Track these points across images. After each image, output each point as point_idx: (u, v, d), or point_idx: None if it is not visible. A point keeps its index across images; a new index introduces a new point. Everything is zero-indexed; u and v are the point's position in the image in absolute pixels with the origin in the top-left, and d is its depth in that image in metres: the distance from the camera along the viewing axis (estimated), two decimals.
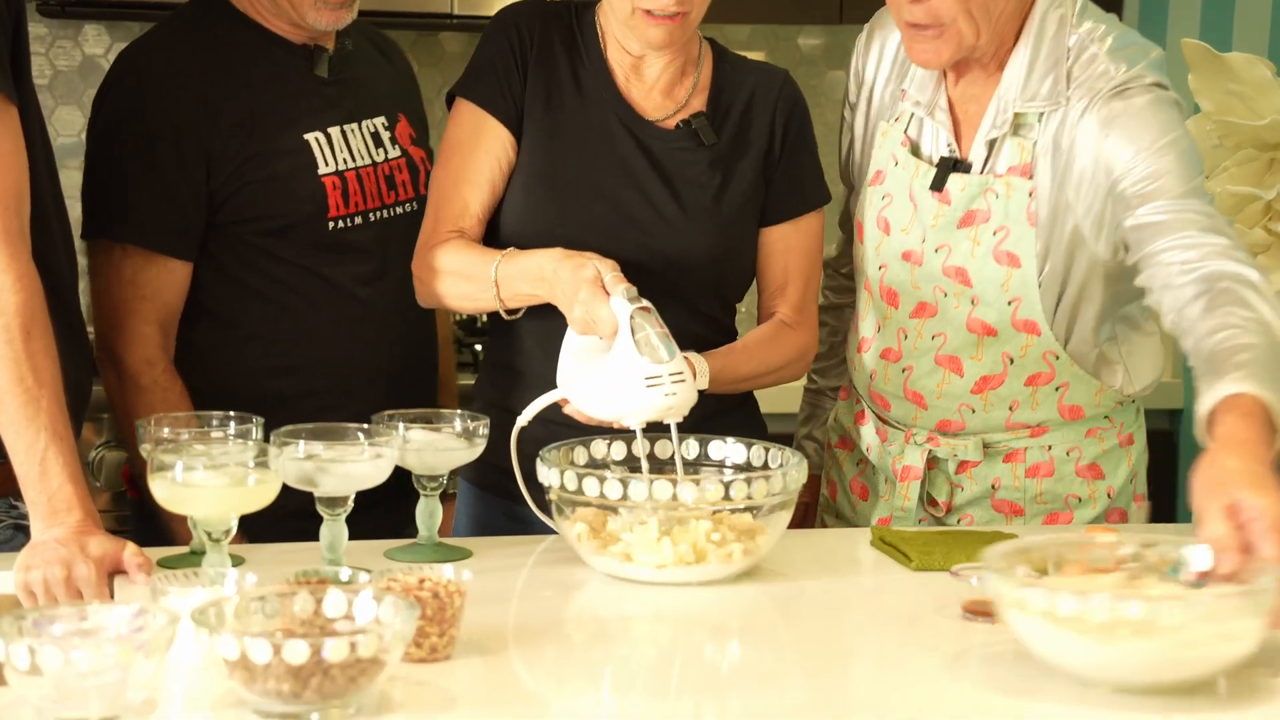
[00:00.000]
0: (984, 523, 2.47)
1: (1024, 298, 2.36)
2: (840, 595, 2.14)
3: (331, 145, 2.51)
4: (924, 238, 2.40)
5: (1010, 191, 2.34)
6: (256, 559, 2.12)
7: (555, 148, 2.40)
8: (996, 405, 2.43)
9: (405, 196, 2.58)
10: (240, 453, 2.01)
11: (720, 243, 2.41)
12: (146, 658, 1.59)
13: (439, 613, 1.78)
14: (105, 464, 3.16)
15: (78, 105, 3.71)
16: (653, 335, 2.12)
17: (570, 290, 2.18)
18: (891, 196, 2.44)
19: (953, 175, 2.38)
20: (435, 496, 2.22)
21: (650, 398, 2.11)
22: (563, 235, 2.31)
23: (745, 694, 1.78)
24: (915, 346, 2.44)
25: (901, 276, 2.44)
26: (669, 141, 2.41)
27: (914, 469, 2.46)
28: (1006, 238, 2.35)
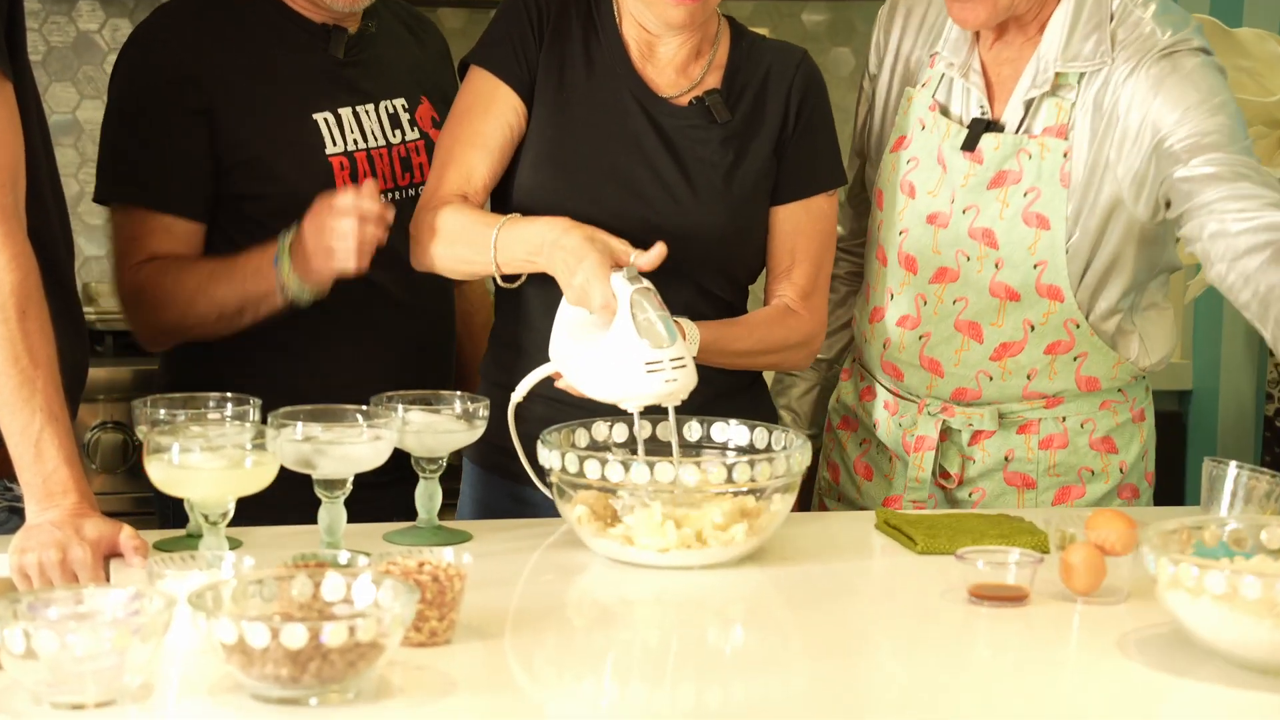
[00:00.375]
0: (995, 496, 2.50)
1: (1050, 261, 2.38)
2: (845, 579, 2.15)
3: (341, 126, 2.51)
4: (952, 198, 2.43)
5: (1045, 152, 2.37)
6: (254, 542, 2.13)
7: (566, 123, 2.40)
8: (1014, 373, 2.45)
9: (421, 179, 2.56)
10: (237, 434, 2.01)
11: (730, 222, 2.40)
12: (143, 642, 1.60)
13: (439, 596, 1.78)
14: (101, 446, 3.16)
15: (72, 82, 3.71)
16: (654, 317, 2.11)
17: (573, 259, 2.16)
18: (918, 160, 2.47)
19: (986, 135, 2.41)
20: (435, 479, 2.22)
21: (649, 383, 2.11)
22: (572, 211, 2.31)
23: (748, 680, 1.79)
24: (935, 312, 2.46)
25: (923, 241, 2.46)
26: (681, 118, 2.41)
27: (928, 439, 2.48)
28: (1037, 199, 2.38)
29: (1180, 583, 1.76)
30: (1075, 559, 2.00)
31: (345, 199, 2.30)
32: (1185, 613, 1.77)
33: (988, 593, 1.98)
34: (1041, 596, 2.00)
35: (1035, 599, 2.00)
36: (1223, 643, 1.76)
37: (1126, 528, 2.01)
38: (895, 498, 2.56)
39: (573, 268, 2.16)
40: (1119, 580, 2.01)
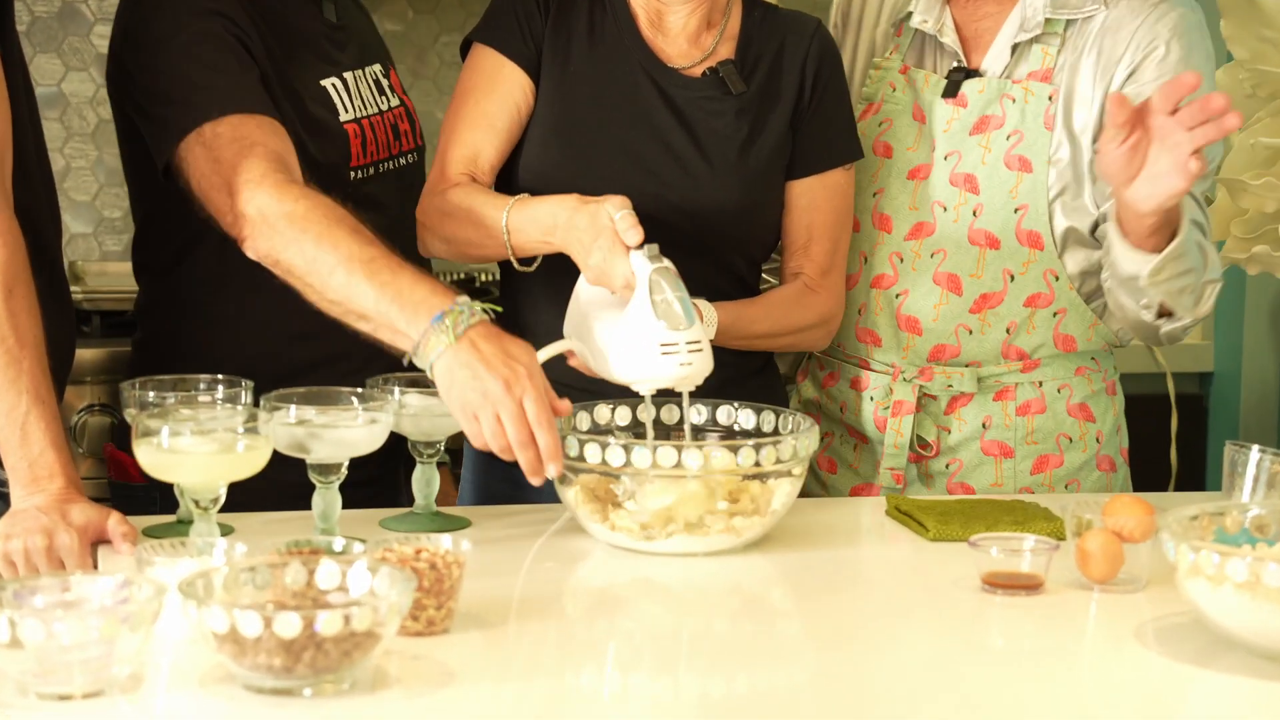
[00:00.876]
0: (972, 466, 2.53)
1: (1031, 205, 2.45)
2: (854, 567, 2.15)
3: (348, 91, 2.49)
4: (933, 146, 2.50)
5: (1029, 96, 2.46)
6: (246, 528, 2.13)
7: (574, 97, 2.39)
8: (994, 326, 2.49)
9: (409, 146, 2.56)
10: (229, 417, 2.01)
11: (745, 197, 2.40)
12: (132, 631, 1.59)
13: (436, 584, 1.78)
14: (89, 429, 3.16)
15: (57, 54, 3.70)
16: (672, 299, 2.10)
17: (588, 238, 2.16)
18: (891, 120, 2.54)
19: (969, 80, 2.50)
20: (432, 464, 2.22)
21: (664, 365, 2.10)
22: (582, 188, 2.30)
23: (753, 670, 1.79)
24: (913, 268, 2.50)
25: (900, 199, 2.50)
26: (694, 90, 2.41)
27: (905, 404, 2.51)
28: (1020, 142, 2.45)
29: (1201, 570, 1.76)
30: (1092, 546, 1.99)
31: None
32: (1206, 601, 1.77)
33: (1001, 581, 1.98)
34: (1057, 585, 2.00)
35: (1050, 587, 1.99)
36: (1245, 632, 1.75)
37: (1145, 513, 2.00)
38: (864, 485, 2.58)
39: (588, 247, 2.16)
40: (1137, 568, 2.00)
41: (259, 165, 2.20)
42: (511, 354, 2.05)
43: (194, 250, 2.42)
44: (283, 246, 2.15)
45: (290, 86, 2.39)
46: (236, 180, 2.19)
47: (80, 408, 3.17)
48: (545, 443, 2.04)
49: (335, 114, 2.45)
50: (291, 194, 2.17)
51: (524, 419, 2.02)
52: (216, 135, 2.24)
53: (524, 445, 2.03)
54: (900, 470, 2.52)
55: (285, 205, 2.16)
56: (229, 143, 2.23)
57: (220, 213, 2.23)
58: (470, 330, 2.05)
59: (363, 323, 2.12)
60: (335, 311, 2.14)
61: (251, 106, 2.27)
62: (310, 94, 2.42)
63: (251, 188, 2.18)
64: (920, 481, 2.55)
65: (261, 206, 2.17)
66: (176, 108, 2.28)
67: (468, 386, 2.03)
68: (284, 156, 2.25)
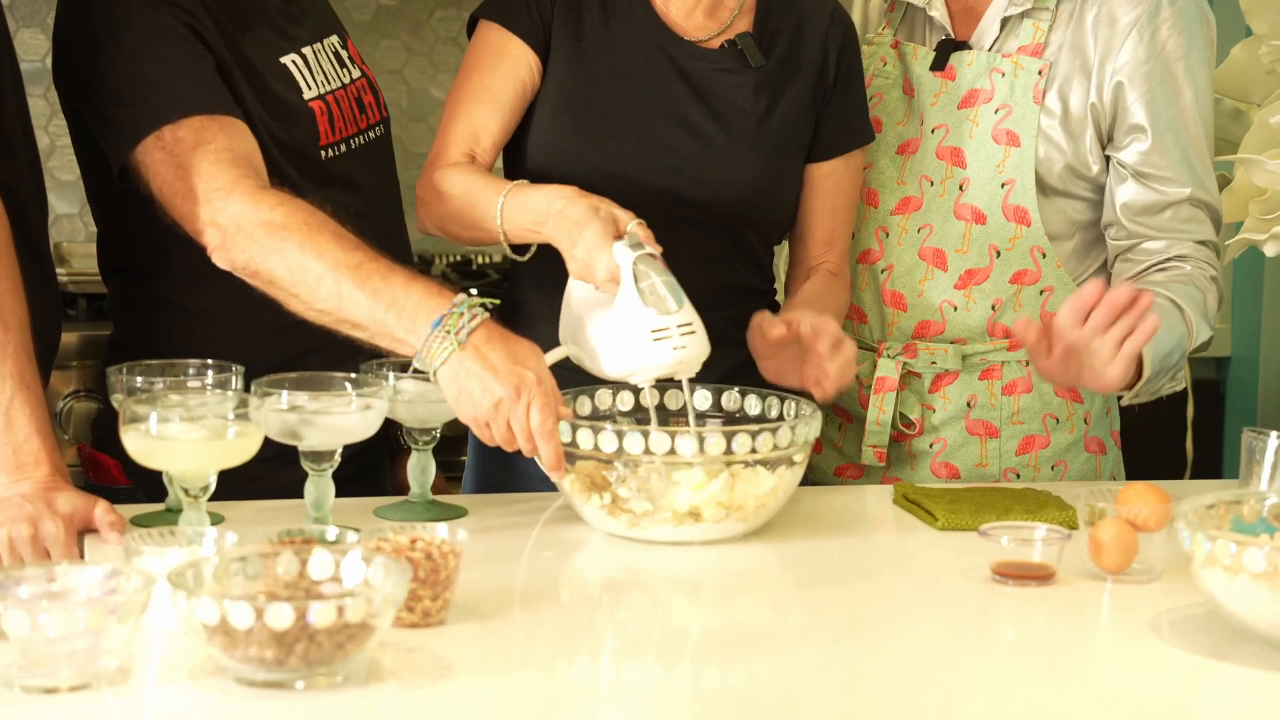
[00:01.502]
0: (957, 446, 2.54)
1: (1018, 180, 2.47)
2: (859, 556, 2.15)
3: (310, 68, 2.45)
4: (922, 119, 2.53)
5: (1018, 70, 2.48)
6: (237, 517, 2.12)
7: (585, 72, 2.39)
8: (979, 303, 2.51)
9: (375, 119, 2.52)
10: (219, 404, 2.01)
11: (764, 171, 2.40)
12: (119, 622, 1.59)
13: (432, 575, 1.78)
14: (74, 415, 3.16)
15: (41, 28, 3.70)
16: (658, 283, 2.10)
17: (575, 229, 2.15)
18: (881, 95, 2.57)
19: (957, 53, 2.52)
20: (428, 451, 2.22)
21: (657, 353, 2.10)
22: (594, 166, 2.31)
23: (754, 661, 1.79)
24: (898, 242, 2.53)
25: (887, 173, 2.54)
26: (711, 63, 2.41)
27: (888, 380, 2.53)
28: (1008, 116, 2.48)
29: (1217, 560, 1.76)
30: (1105, 535, 2.00)
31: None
32: (1222, 592, 1.77)
33: (1012, 571, 1.99)
34: (1069, 575, 2.01)
35: (1062, 577, 2.00)
36: (1262, 623, 1.76)
37: (1159, 502, 2.01)
38: (848, 465, 2.60)
39: (574, 239, 2.15)
40: (1151, 558, 2.01)
41: (227, 171, 2.17)
42: (519, 358, 2.05)
43: (170, 247, 2.35)
44: (263, 257, 2.13)
45: (250, 67, 2.35)
46: (204, 188, 2.16)
47: (66, 393, 3.17)
48: (546, 454, 2.05)
49: (299, 92, 2.41)
50: (267, 201, 2.15)
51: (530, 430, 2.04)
52: (178, 139, 2.20)
53: (534, 451, 2.06)
54: (883, 448, 2.54)
55: (262, 213, 2.14)
56: (191, 147, 2.19)
57: (185, 220, 2.19)
58: (473, 335, 2.05)
59: (357, 331, 2.11)
60: (325, 321, 2.13)
61: (213, 106, 2.23)
62: (271, 73, 2.38)
63: (222, 196, 2.15)
64: (904, 461, 2.57)
65: (236, 215, 2.14)
66: (131, 109, 2.23)
67: (479, 399, 2.04)
68: (251, 159, 2.21)
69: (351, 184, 2.43)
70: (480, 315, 2.06)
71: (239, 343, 2.33)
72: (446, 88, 3.95)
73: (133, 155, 2.22)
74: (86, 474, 2.44)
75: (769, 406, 2.27)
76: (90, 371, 3.15)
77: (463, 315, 2.05)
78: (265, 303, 2.17)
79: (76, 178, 3.76)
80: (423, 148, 3.99)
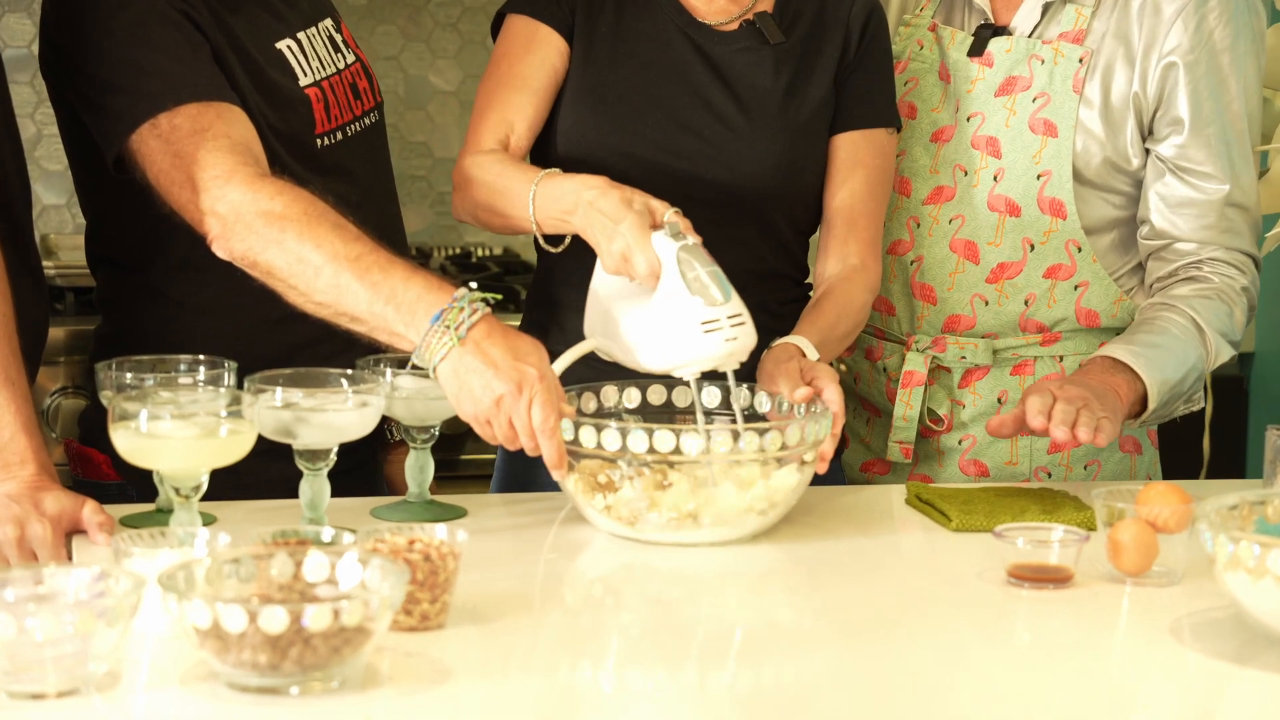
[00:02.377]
0: (987, 444, 2.55)
1: (1055, 172, 2.47)
2: (871, 558, 2.15)
3: (305, 53, 2.45)
4: (957, 107, 2.52)
5: (1058, 57, 2.48)
6: (229, 517, 2.13)
7: (605, 57, 2.41)
8: (1012, 297, 2.51)
9: (370, 104, 2.53)
10: (211, 400, 2.01)
11: (788, 151, 2.41)
12: (108, 626, 1.59)
13: (431, 577, 1.78)
14: (62, 412, 3.16)
15: (27, 13, 3.70)
16: (703, 274, 2.10)
17: (610, 223, 2.14)
18: (916, 80, 2.57)
19: (995, 39, 2.52)
20: (427, 450, 2.22)
21: (709, 344, 2.10)
22: (615, 149, 2.31)
23: (763, 666, 1.79)
24: (929, 233, 2.53)
25: (921, 161, 2.53)
26: (731, 44, 2.43)
27: (916, 374, 2.53)
28: (1046, 104, 2.48)
29: (1240, 562, 1.76)
30: (1124, 536, 2.00)
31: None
32: (1246, 595, 1.77)
33: (1028, 573, 1.98)
34: (1087, 577, 2.01)
35: (1080, 580, 2.00)
36: None
37: (1181, 502, 2.01)
38: (875, 460, 2.60)
39: (610, 232, 2.15)
40: (1172, 560, 2.01)
41: (225, 159, 2.17)
42: (520, 354, 2.05)
43: (163, 239, 2.36)
44: (261, 247, 2.13)
45: (245, 53, 2.35)
46: (202, 176, 2.16)
47: (53, 390, 3.18)
48: (548, 452, 2.05)
49: (294, 79, 2.41)
50: (266, 190, 2.15)
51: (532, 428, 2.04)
52: (174, 127, 2.20)
53: (535, 450, 2.06)
54: (909, 445, 2.54)
55: (260, 203, 2.14)
56: (189, 135, 2.19)
57: (184, 209, 2.19)
58: (474, 330, 2.05)
59: (356, 325, 2.11)
60: (323, 313, 2.13)
61: (209, 93, 2.23)
62: (267, 59, 2.38)
63: (220, 184, 2.15)
64: (931, 458, 2.57)
65: (235, 204, 2.15)
66: (126, 97, 2.23)
67: (480, 396, 2.04)
68: (250, 147, 2.22)
69: (347, 173, 2.43)
70: (481, 310, 2.06)
71: (232, 336, 2.33)
72: (445, 75, 3.97)
73: (128, 144, 2.22)
74: (74, 470, 2.44)
75: (780, 402, 2.26)
76: (78, 367, 3.15)
77: (463, 310, 2.05)
78: (260, 295, 2.17)
79: (64, 168, 3.76)
80: (420, 136, 3.99)
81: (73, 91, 2.32)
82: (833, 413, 2.17)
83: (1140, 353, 2.36)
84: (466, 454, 3.40)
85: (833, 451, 2.17)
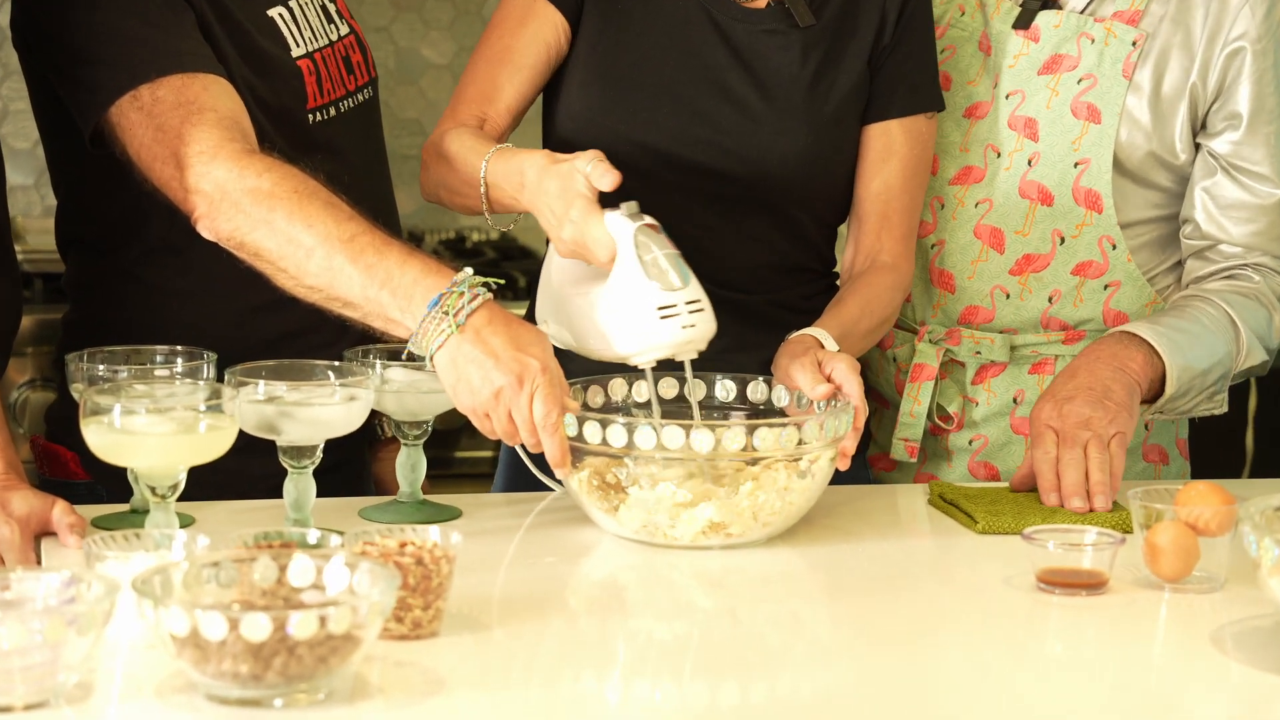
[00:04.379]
0: (999, 445, 2.53)
1: (1094, 161, 2.45)
2: (893, 562, 2.15)
3: (296, 22, 2.45)
4: (995, 82, 2.50)
5: (1110, 38, 2.45)
6: (209, 518, 2.13)
7: (618, 36, 2.39)
8: (1035, 292, 2.49)
9: (364, 79, 2.52)
10: (189, 394, 2.01)
11: (813, 144, 2.39)
12: (80, 634, 1.59)
13: (423, 582, 1.78)
14: (30, 406, 3.16)
15: None
16: (661, 257, 2.09)
17: (559, 205, 2.13)
18: (954, 49, 2.54)
19: (1044, 12, 2.49)
20: (419, 447, 2.22)
21: (665, 331, 2.10)
22: (625, 137, 2.30)
23: (777, 677, 1.79)
24: (953, 216, 2.52)
25: (951, 137, 2.52)
26: (755, 23, 2.41)
27: (927, 368, 2.52)
28: (1092, 87, 2.45)
29: None
30: (1162, 540, 1.99)
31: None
32: None
33: (1060, 579, 1.98)
34: (1123, 583, 2.00)
35: (1115, 586, 1.99)
36: None
37: (1223, 503, 2.00)
38: (882, 454, 2.60)
39: (560, 216, 2.13)
40: (1214, 565, 2.00)
41: (211, 134, 2.16)
42: (522, 344, 2.04)
43: (139, 220, 2.36)
44: (249, 227, 2.12)
45: (232, 20, 2.34)
46: (186, 151, 2.15)
47: (21, 382, 3.18)
48: (550, 449, 2.04)
49: (286, 49, 2.40)
50: (254, 166, 2.14)
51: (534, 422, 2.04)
52: (157, 100, 2.19)
53: (537, 446, 2.06)
54: (915, 443, 2.53)
55: (248, 180, 2.13)
56: (173, 108, 2.18)
57: (166, 187, 2.19)
58: (473, 316, 2.04)
59: (349, 310, 2.10)
60: (315, 298, 2.12)
61: (194, 64, 2.22)
62: (258, 27, 2.37)
63: (205, 160, 2.14)
64: (940, 457, 2.56)
65: (220, 181, 2.14)
66: (104, 68, 2.22)
67: (478, 387, 2.03)
68: (238, 120, 2.21)
69: (338, 151, 2.43)
70: (482, 295, 2.06)
71: (213, 325, 2.33)
72: (438, 47, 3.97)
73: (106, 117, 2.21)
74: (41, 468, 2.44)
75: (799, 396, 2.25)
76: (47, 358, 3.15)
77: (463, 295, 2.05)
78: (244, 280, 2.16)
79: (32, 145, 3.77)
80: (412, 113, 3.99)
81: (46, 61, 2.31)
82: (854, 406, 2.16)
83: (1164, 333, 2.35)
84: (462, 451, 3.41)
85: (854, 447, 2.16)
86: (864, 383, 2.55)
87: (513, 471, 2.51)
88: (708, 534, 2.09)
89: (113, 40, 2.22)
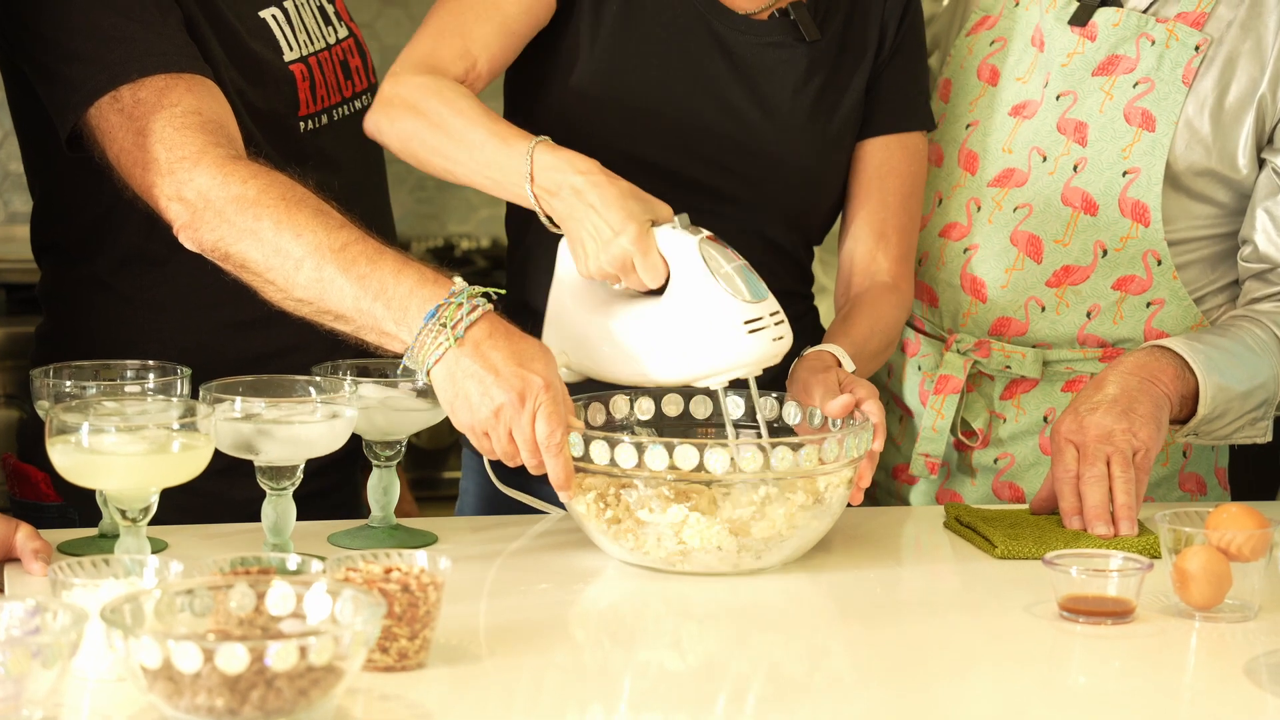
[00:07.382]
0: (1026, 465, 2.53)
1: (1144, 171, 2.42)
2: (908, 588, 2.15)
3: (290, 24, 2.45)
4: (1046, 81, 2.48)
5: (1172, 40, 2.42)
6: (182, 543, 2.13)
7: (611, 43, 2.39)
8: (1073, 306, 2.48)
9: (361, 86, 2.52)
10: (162, 411, 2.00)
11: (816, 165, 2.40)
12: (45, 667, 1.59)
13: (410, 610, 1.78)
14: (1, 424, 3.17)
15: None
16: (734, 271, 2.10)
17: (616, 220, 2.11)
18: (1005, 41, 2.53)
19: (1103, 8, 2.46)
20: (391, 469, 2.21)
21: (752, 346, 2.10)
22: (618, 151, 2.28)
23: (790, 710, 1.78)
24: (990, 219, 2.50)
25: (995, 136, 2.50)
26: (759, 35, 2.41)
27: (953, 380, 2.52)
28: (1148, 93, 2.43)
29: None
30: (1193, 565, 1.99)
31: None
32: None
33: (1084, 606, 1.98)
34: (1150, 611, 2.00)
35: (1142, 614, 1.99)
36: None
37: (1257, 526, 2.00)
38: (904, 466, 2.60)
39: (604, 234, 2.11)
40: (1247, 592, 2.00)
41: (194, 138, 2.16)
42: (524, 359, 2.04)
43: (114, 226, 2.36)
44: (234, 237, 2.12)
45: (223, 21, 2.34)
46: (168, 157, 2.15)
47: None
48: (553, 470, 2.04)
49: (279, 52, 2.40)
50: (239, 173, 2.14)
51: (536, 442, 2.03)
52: (138, 101, 2.19)
53: (539, 468, 2.05)
54: (936, 459, 2.52)
55: (232, 187, 2.12)
56: (153, 110, 2.18)
57: (146, 193, 2.19)
58: (473, 329, 2.04)
59: (341, 324, 2.10)
60: (305, 311, 2.11)
61: (178, 64, 2.22)
62: (248, 28, 2.38)
63: (188, 166, 2.14)
64: (964, 474, 2.56)
65: (203, 189, 2.13)
66: (84, 65, 2.22)
67: (477, 404, 2.03)
68: (223, 125, 2.21)
69: (331, 161, 2.43)
70: (481, 307, 2.05)
71: (191, 339, 2.33)
72: None
73: (85, 118, 2.21)
74: (10, 489, 2.44)
75: (812, 414, 2.25)
76: (13, 374, 3.15)
77: (461, 306, 2.04)
78: (225, 293, 2.16)
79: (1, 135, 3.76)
80: None
81: (24, 57, 2.31)
82: (873, 424, 2.16)
83: (1200, 349, 2.34)
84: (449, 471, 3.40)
85: (869, 479, 2.16)
86: (888, 388, 2.56)
87: (480, 495, 2.50)
88: (720, 559, 2.09)
89: (93, 36, 2.22)
